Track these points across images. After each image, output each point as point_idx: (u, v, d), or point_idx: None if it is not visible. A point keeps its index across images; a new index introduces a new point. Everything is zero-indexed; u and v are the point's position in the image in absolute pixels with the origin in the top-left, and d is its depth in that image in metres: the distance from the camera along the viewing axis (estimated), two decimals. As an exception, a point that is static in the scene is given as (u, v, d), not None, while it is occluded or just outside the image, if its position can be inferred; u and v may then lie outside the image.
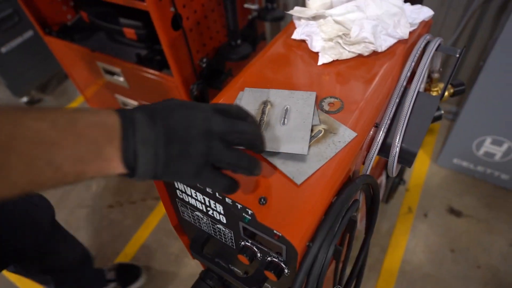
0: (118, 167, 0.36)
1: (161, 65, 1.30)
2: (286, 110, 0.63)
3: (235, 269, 0.76)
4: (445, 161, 1.65)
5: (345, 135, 0.58)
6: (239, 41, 1.33)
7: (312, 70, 0.71)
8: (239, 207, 0.55)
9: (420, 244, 1.44)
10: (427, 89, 0.87)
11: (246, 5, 1.41)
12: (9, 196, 0.30)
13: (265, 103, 0.65)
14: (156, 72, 1.30)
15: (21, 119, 0.30)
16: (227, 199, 0.56)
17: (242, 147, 0.44)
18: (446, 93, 0.87)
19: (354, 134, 0.58)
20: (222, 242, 0.68)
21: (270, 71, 0.72)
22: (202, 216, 0.66)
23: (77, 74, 1.64)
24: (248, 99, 0.66)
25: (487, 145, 1.48)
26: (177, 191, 0.64)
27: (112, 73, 1.44)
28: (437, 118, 0.89)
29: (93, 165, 0.34)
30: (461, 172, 1.64)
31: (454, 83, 0.87)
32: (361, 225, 1.08)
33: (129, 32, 1.33)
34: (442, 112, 0.89)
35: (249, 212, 0.53)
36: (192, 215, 0.68)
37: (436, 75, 0.83)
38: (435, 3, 1.51)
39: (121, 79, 1.43)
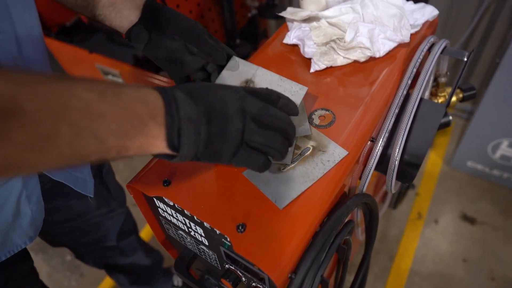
0: (161, 145, 0.36)
1: (158, 67, 1.26)
2: None
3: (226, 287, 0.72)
4: (459, 163, 1.56)
5: (335, 153, 0.53)
6: (238, 41, 1.28)
7: (304, 78, 0.65)
8: (218, 233, 0.51)
9: (430, 253, 1.37)
10: (434, 94, 0.80)
11: (247, 2, 1.36)
12: (54, 167, 0.30)
13: (247, 82, 0.57)
14: (153, 74, 1.27)
15: (72, 88, 0.30)
16: (205, 224, 0.52)
17: (274, 131, 0.44)
18: (455, 98, 0.80)
19: (345, 153, 0.53)
20: (208, 262, 0.64)
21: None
22: (185, 236, 0.62)
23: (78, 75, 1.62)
24: (231, 71, 0.58)
25: (504, 148, 1.39)
26: (159, 209, 0.61)
27: (111, 75, 1.42)
28: (444, 125, 0.83)
29: (136, 141, 0.34)
30: (475, 176, 1.55)
31: (464, 87, 0.80)
32: (362, 237, 1.03)
33: (127, 34, 1.30)
34: (450, 118, 0.82)
35: (228, 239, 0.49)
36: (176, 233, 0.65)
37: (443, 80, 0.77)
38: (445, 1, 1.42)
39: (120, 80, 1.41)
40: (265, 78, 0.57)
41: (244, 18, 1.40)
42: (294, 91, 0.55)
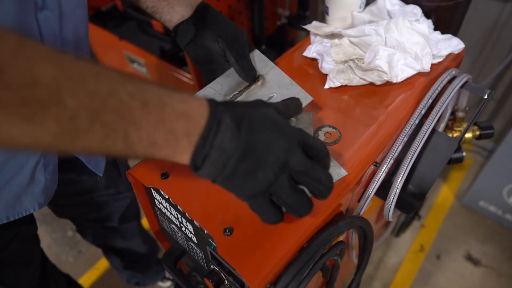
0: (184, 159, 0.36)
1: (182, 62, 1.28)
2: (270, 98, 0.57)
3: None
4: (471, 201, 1.51)
5: (335, 172, 0.53)
6: (263, 47, 1.29)
7: (317, 93, 0.65)
8: (205, 232, 0.51)
9: (426, 288, 1.33)
10: (450, 128, 0.78)
11: (278, 10, 1.37)
12: (78, 154, 0.30)
13: (258, 77, 0.58)
14: (176, 68, 1.29)
15: (118, 89, 0.30)
16: (195, 222, 0.52)
17: (306, 189, 0.41)
18: (471, 135, 0.78)
19: (344, 173, 0.53)
20: (196, 260, 0.65)
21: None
22: (177, 230, 0.63)
23: (106, 60, 1.67)
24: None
25: (520, 193, 1.34)
26: (155, 200, 0.62)
27: (137, 63, 1.46)
28: (456, 160, 0.81)
29: (163, 152, 0.34)
30: (487, 217, 1.50)
31: (482, 125, 0.78)
32: (357, 260, 1.01)
33: (157, 25, 1.33)
34: (464, 154, 0.80)
35: (214, 240, 0.49)
36: (169, 226, 0.66)
37: (460, 114, 0.75)
38: (478, 35, 1.39)
39: (144, 70, 1.44)
40: (277, 78, 0.58)
41: (274, 25, 1.41)
42: (299, 97, 0.55)
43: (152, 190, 0.59)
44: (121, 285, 1.39)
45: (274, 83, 0.57)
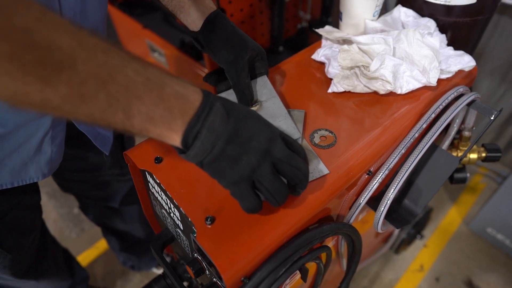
0: (176, 139, 0.38)
1: (199, 55, 1.30)
2: None
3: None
4: (478, 227, 1.47)
5: (316, 169, 0.53)
6: (281, 48, 1.29)
7: (320, 96, 0.65)
8: (189, 220, 0.52)
9: (421, 309, 1.30)
10: (455, 146, 0.77)
11: (300, 13, 1.37)
12: (80, 120, 0.33)
13: (256, 101, 0.61)
14: (194, 62, 1.31)
15: (125, 65, 0.32)
16: (181, 208, 0.53)
17: (286, 180, 0.44)
18: (476, 156, 0.76)
19: (325, 171, 0.53)
20: (182, 247, 0.66)
21: (278, 86, 0.68)
22: (167, 216, 0.64)
23: (129, 47, 1.72)
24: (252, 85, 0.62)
25: (531, 224, 1.29)
26: (149, 184, 0.63)
27: (158, 53, 1.49)
28: (459, 180, 0.79)
29: (158, 129, 0.36)
30: (494, 245, 1.45)
31: (489, 147, 0.76)
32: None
33: (180, 17, 1.36)
34: (468, 175, 0.78)
35: (194, 227, 0.50)
36: (160, 212, 0.67)
37: (466, 133, 0.73)
38: (504, 57, 1.34)
39: (163, 59, 1.47)
40: (273, 108, 0.60)
41: (294, 28, 1.41)
42: (288, 132, 0.57)
43: (147, 173, 0.60)
44: (117, 266, 1.42)
45: (269, 112, 0.59)
